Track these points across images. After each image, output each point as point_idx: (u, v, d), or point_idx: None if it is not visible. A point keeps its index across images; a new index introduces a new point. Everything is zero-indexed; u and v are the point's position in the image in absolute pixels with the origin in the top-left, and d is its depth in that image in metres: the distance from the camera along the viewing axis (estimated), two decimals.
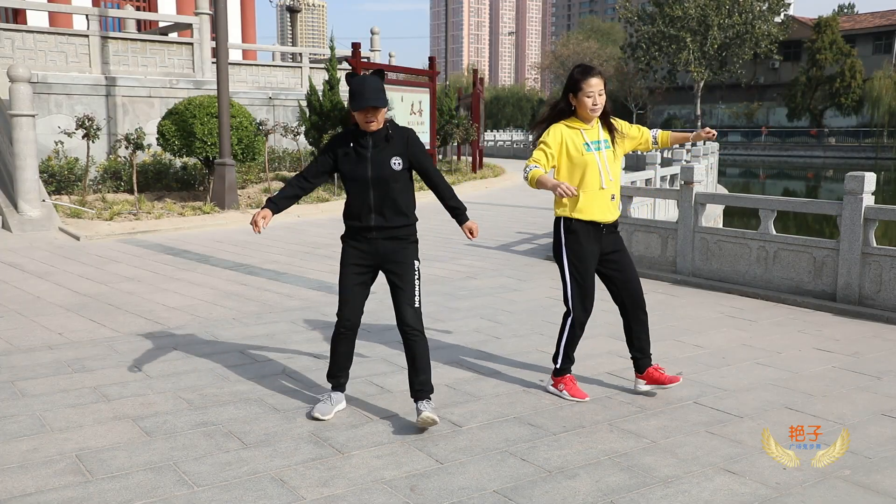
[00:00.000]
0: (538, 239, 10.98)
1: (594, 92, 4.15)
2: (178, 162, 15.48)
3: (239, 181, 15.29)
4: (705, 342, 5.67)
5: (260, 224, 3.82)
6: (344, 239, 4.04)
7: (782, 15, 57.86)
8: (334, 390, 4.18)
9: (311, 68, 21.11)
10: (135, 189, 13.26)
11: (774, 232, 7.33)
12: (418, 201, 4.12)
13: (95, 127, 12.74)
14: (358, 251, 3.96)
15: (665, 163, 14.89)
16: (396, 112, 17.90)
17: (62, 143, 13.72)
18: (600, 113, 4.25)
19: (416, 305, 3.94)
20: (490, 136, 48.97)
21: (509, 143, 44.83)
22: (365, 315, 4.20)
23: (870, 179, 6.60)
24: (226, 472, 3.44)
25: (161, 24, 20.65)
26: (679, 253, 8.06)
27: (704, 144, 19.08)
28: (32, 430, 3.92)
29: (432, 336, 5.26)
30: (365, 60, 17.47)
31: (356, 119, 3.85)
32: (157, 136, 14.27)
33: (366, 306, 4.11)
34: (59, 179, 13.73)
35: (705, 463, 3.57)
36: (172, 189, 15.14)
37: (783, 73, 60.26)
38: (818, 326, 6.16)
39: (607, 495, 3.24)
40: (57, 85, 14.93)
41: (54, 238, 11.01)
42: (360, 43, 16.83)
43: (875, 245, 6.59)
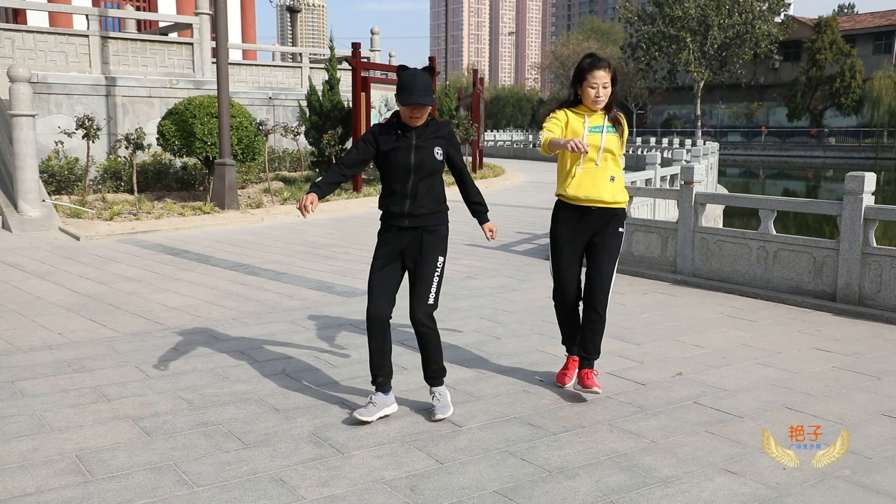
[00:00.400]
0: (538, 239, 10.97)
1: (598, 84, 4.17)
2: (178, 162, 15.47)
3: (239, 181, 15.28)
4: (705, 342, 5.67)
5: (309, 208, 3.84)
6: (378, 234, 4.11)
7: (782, 15, 57.92)
8: (378, 392, 4.09)
9: (311, 68, 21.11)
10: (135, 189, 13.27)
11: (774, 232, 7.33)
12: None
13: (95, 127, 12.76)
14: (388, 246, 4.02)
15: (665, 163, 14.89)
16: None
17: (62, 143, 13.73)
18: (604, 106, 4.26)
19: (430, 302, 3.98)
20: (490, 136, 48.91)
21: (509, 143, 44.75)
22: None
23: (870, 179, 6.60)
24: (226, 472, 3.44)
25: (161, 24, 20.66)
26: (679, 253, 8.06)
27: (704, 144, 19.09)
28: (32, 430, 3.92)
29: None
30: (365, 60, 17.45)
31: (401, 111, 3.93)
32: (157, 136, 14.26)
33: None
34: (59, 179, 13.73)
35: (705, 463, 3.57)
36: (172, 189, 15.13)
37: (783, 73, 60.32)
38: (818, 326, 6.16)
39: (607, 495, 3.24)
40: (57, 85, 14.93)
41: (54, 238, 11.01)
42: (360, 43, 16.81)
43: (875, 245, 6.59)
